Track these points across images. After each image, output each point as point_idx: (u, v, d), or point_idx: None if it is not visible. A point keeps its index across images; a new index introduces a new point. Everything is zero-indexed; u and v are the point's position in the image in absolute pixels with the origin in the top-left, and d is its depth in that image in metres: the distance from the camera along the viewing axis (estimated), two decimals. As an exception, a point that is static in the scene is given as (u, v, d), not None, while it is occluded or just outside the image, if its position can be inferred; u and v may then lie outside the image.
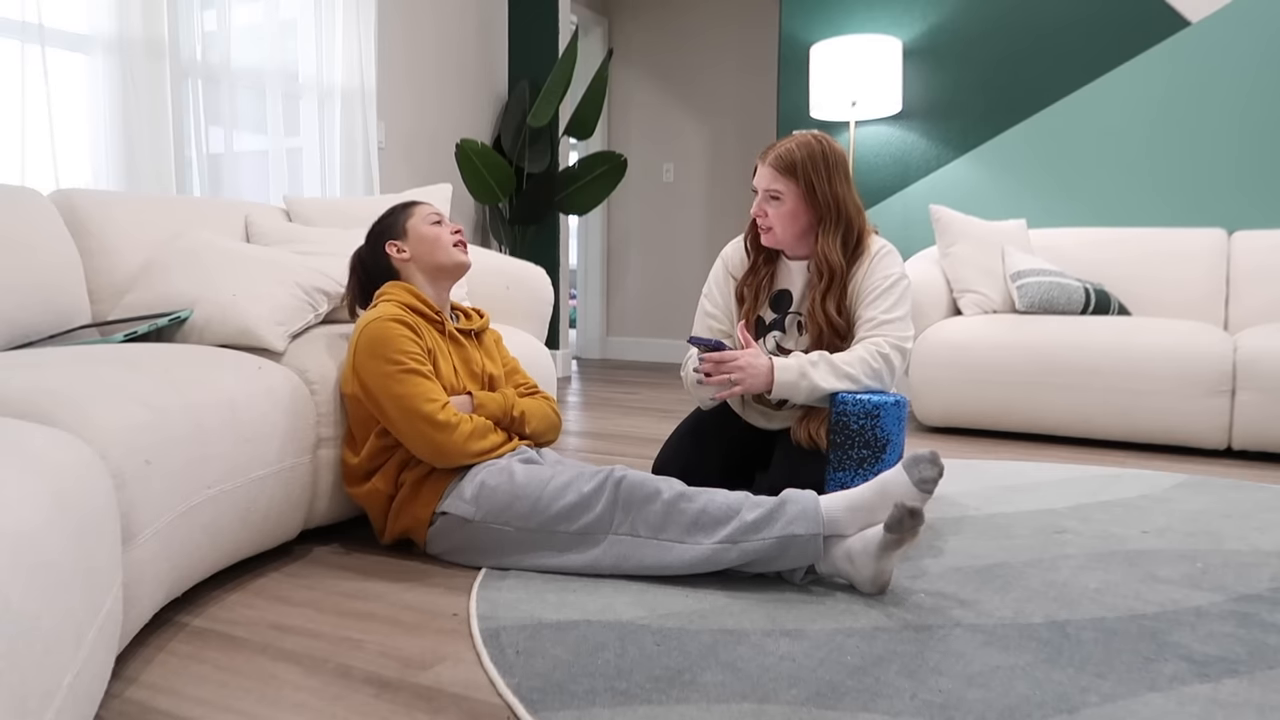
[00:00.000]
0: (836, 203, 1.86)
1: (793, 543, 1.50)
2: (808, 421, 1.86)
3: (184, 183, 2.92)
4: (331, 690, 1.22)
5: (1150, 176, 3.58)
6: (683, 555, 1.54)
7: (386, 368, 1.67)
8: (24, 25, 2.47)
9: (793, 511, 1.51)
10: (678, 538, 1.54)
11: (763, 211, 1.89)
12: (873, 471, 1.76)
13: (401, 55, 3.97)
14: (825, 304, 1.86)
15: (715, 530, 1.53)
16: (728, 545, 1.52)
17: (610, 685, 1.21)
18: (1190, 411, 2.79)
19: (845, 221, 1.87)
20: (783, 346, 1.96)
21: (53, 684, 0.84)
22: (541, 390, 2.00)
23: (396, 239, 1.88)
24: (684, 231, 5.57)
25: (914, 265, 3.41)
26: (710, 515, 1.54)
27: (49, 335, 1.82)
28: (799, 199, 1.86)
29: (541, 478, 1.64)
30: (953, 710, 1.14)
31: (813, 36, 4.13)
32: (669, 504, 1.55)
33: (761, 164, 1.89)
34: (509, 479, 1.65)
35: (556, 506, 1.60)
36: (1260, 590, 1.57)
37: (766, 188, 1.87)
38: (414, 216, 1.89)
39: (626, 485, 1.58)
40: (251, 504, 1.60)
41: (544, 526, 1.61)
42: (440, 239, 1.87)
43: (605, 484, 1.60)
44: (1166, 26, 3.52)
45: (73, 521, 0.96)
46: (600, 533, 1.58)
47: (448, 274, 1.88)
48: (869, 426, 1.75)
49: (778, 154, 1.86)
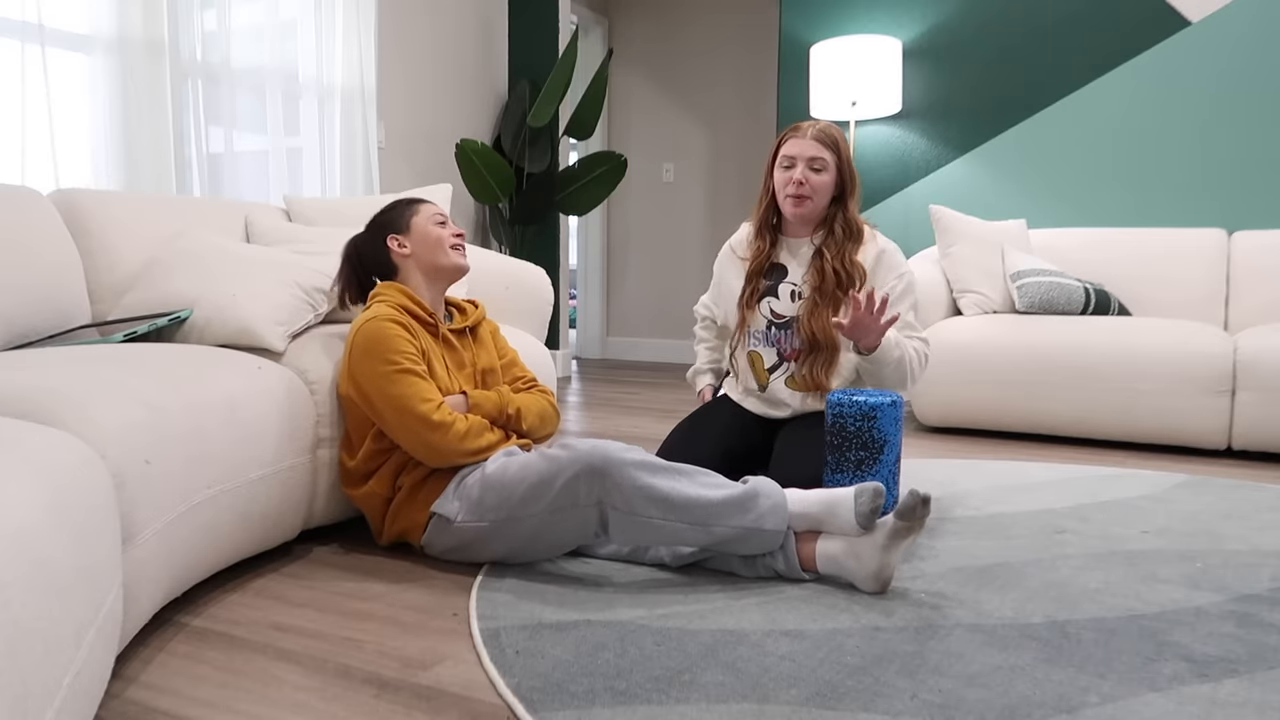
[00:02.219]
0: (855, 177, 2.04)
1: (758, 534, 1.52)
2: (811, 362, 1.98)
3: (184, 183, 2.92)
4: (331, 690, 1.22)
5: (1150, 176, 3.58)
6: (659, 532, 1.53)
7: (381, 368, 1.67)
8: (24, 25, 2.47)
9: (764, 505, 1.53)
10: (648, 513, 1.52)
11: (804, 179, 1.98)
12: (871, 473, 1.77)
13: (402, 55, 3.97)
14: (840, 258, 1.99)
15: (687, 510, 1.52)
16: (698, 527, 1.52)
17: (610, 685, 1.21)
18: (1190, 411, 2.79)
19: (858, 196, 2.06)
20: (776, 311, 2.03)
21: (52, 684, 0.84)
22: (540, 383, 1.99)
23: (399, 234, 1.87)
24: (684, 231, 5.57)
25: (914, 265, 3.41)
26: (681, 494, 1.52)
27: (49, 335, 1.82)
28: (835, 171, 2.00)
29: (508, 464, 1.63)
30: (953, 710, 1.14)
31: (813, 36, 4.13)
32: (635, 476, 1.52)
33: (802, 138, 2.00)
34: (481, 474, 1.65)
35: (520, 491, 1.59)
36: (1260, 590, 1.57)
37: (813, 156, 1.98)
38: (419, 214, 1.89)
39: (586, 453, 1.55)
40: (251, 504, 1.60)
41: (514, 514, 1.60)
42: (442, 240, 1.87)
43: (566, 456, 1.56)
44: (1166, 26, 3.52)
45: (72, 521, 0.96)
46: (569, 507, 1.56)
47: (445, 275, 1.88)
48: (866, 428, 1.76)
49: (819, 129, 2.01)
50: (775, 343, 2.03)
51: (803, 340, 1.97)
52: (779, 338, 2.03)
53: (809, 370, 1.98)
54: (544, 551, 1.65)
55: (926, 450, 2.86)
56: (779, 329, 2.03)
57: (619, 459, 1.53)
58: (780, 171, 2.01)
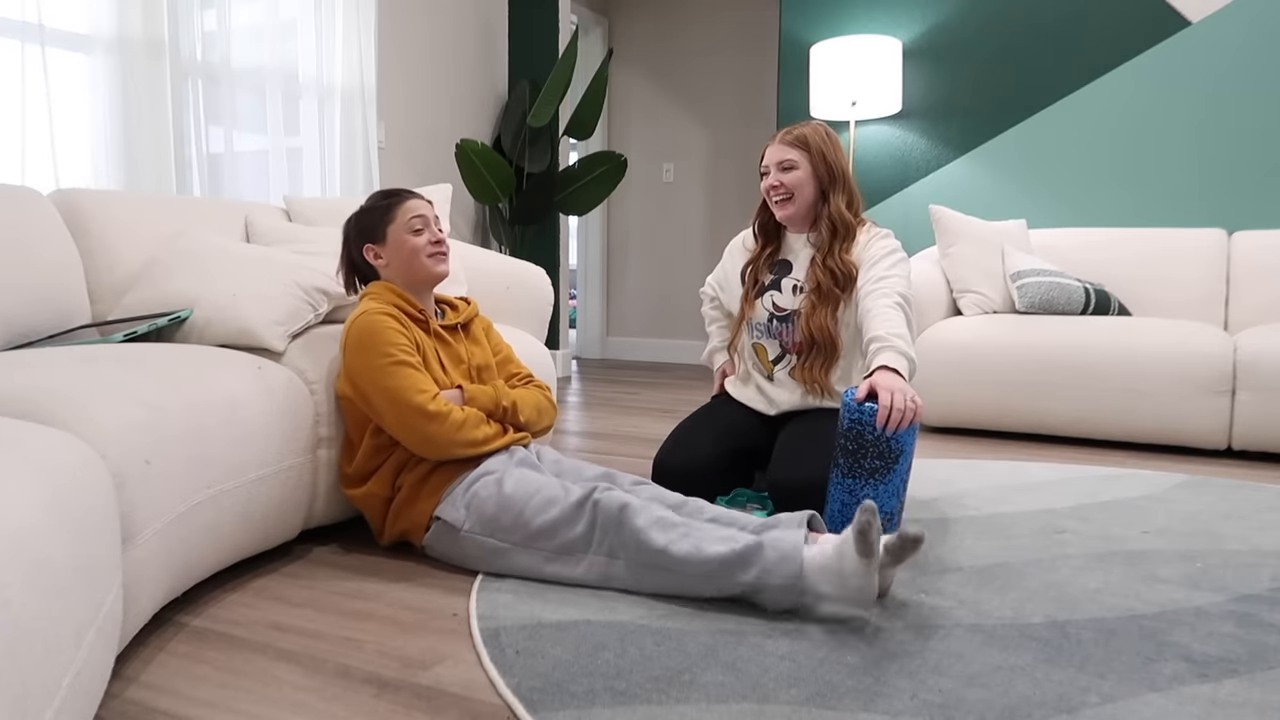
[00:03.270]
0: (842, 171, 2.02)
1: (766, 590, 1.44)
2: (811, 360, 1.98)
3: (184, 183, 2.92)
4: (331, 690, 1.22)
5: (1150, 176, 3.58)
6: (658, 583, 1.51)
7: (375, 360, 1.67)
8: (24, 25, 2.47)
9: (771, 558, 1.43)
10: (654, 565, 1.50)
11: (778, 182, 2.00)
12: (884, 482, 1.71)
13: (401, 55, 3.97)
14: (833, 256, 1.98)
15: (692, 569, 1.47)
16: (701, 579, 1.48)
17: (610, 685, 1.21)
18: (1190, 411, 2.79)
19: (849, 190, 2.03)
20: (778, 304, 2.05)
21: (52, 684, 0.84)
22: (536, 378, 1.99)
23: (375, 243, 1.83)
24: (684, 231, 5.57)
25: (914, 265, 3.41)
26: (687, 555, 1.47)
27: (49, 335, 1.82)
28: (810, 166, 2.00)
29: (528, 489, 1.62)
30: (953, 710, 1.14)
31: (813, 36, 4.13)
32: (644, 531, 1.50)
33: (773, 144, 2.03)
34: (497, 490, 1.63)
35: (538, 522, 1.58)
36: (1260, 590, 1.57)
37: (781, 159, 2.00)
38: (395, 221, 1.82)
39: (604, 507, 1.54)
40: (251, 504, 1.60)
41: (527, 542, 1.59)
42: (418, 251, 1.80)
43: (586, 502, 1.57)
44: (1166, 26, 3.52)
45: (72, 521, 0.96)
46: (581, 551, 1.56)
47: (424, 284, 1.84)
48: (885, 437, 1.67)
49: (789, 131, 2.02)
50: (777, 335, 2.05)
51: (803, 338, 1.99)
52: (781, 330, 2.04)
53: (809, 368, 1.99)
54: (547, 577, 1.62)
55: (927, 450, 2.86)
56: (780, 322, 2.04)
57: (632, 524, 1.51)
58: (763, 180, 2.05)
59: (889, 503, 1.71)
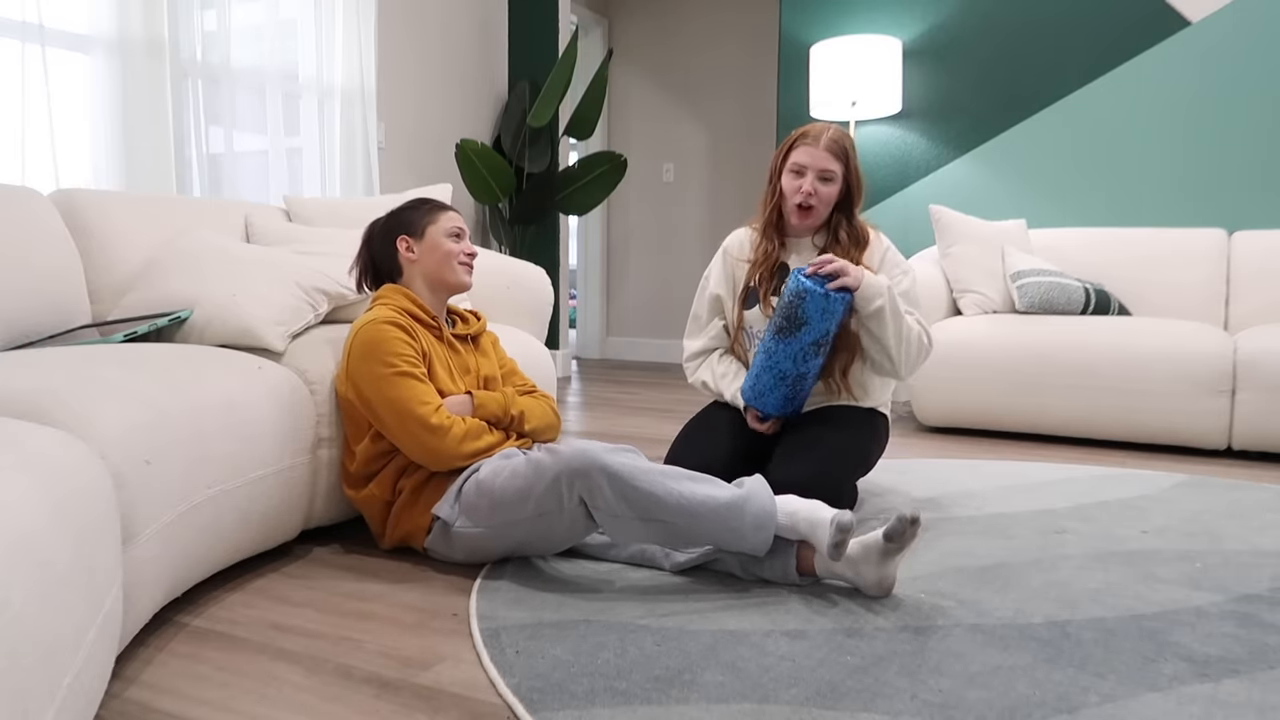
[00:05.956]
0: (862, 185, 2.06)
1: (740, 542, 1.51)
2: (836, 364, 1.98)
3: (184, 183, 2.92)
4: (331, 690, 1.22)
5: (1150, 176, 3.58)
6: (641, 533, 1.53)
7: (380, 370, 1.67)
8: (24, 25, 2.47)
9: (749, 517, 1.50)
10: (628, 514, 1.51)
11: (814, 190, 1.99)
12: (784, 343, 1.83)
13: (401, 55, 3.97)
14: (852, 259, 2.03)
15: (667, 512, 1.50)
16: (679, 531, 1.51)
17: (610, 685, 1.21)
18: (1190, 411, 2.79)
19: (862, 199, 2.10)
20: None
21: (53, 684, 0.84)
22: (540, 390, 2.00)
23: (411, 237, 1.86)
24: (684, 231, 5.57)
25: (914, 265, 3.40)
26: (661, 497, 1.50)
27: (49, 335, 1.82)
28: (843, 180, 2.02)
29: (497, 468, 1.63)
30: (953, 710, 1.14)
31: (813, 36, 4.13)
32: (615, 478, 1.50)
33: (814, 147, 1.99)
34: (476, 481, 1.65)
35: (508, 496, 1.59)
36: (1260, 590, 1.57)
37: (823, 168, 1.99)
38: (437, 222, 1.87)
39: (563, 453, 1.54)
40: (251, 504, 1.60)
41: (505, 519, 1.60)
42: (451, 255, 1.85)
43: (546, 462, 1.56)
44: (1166, 26, 3.52)
45: (73, 521, 0.96)
46: (555, 510, 1.56)
47: (447, 289, 1.87)
48: (794, 302, 1.82)
49: (831, 138, 2.00)
50: None
51: None
52: None
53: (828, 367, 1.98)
54: (545, 550, 1.66)
55: (927, 450, 2.86)
56: None
57: (598, 462, 1.51)
58: (789, 177, 2.01)
59: (788, 366, 1.86)
